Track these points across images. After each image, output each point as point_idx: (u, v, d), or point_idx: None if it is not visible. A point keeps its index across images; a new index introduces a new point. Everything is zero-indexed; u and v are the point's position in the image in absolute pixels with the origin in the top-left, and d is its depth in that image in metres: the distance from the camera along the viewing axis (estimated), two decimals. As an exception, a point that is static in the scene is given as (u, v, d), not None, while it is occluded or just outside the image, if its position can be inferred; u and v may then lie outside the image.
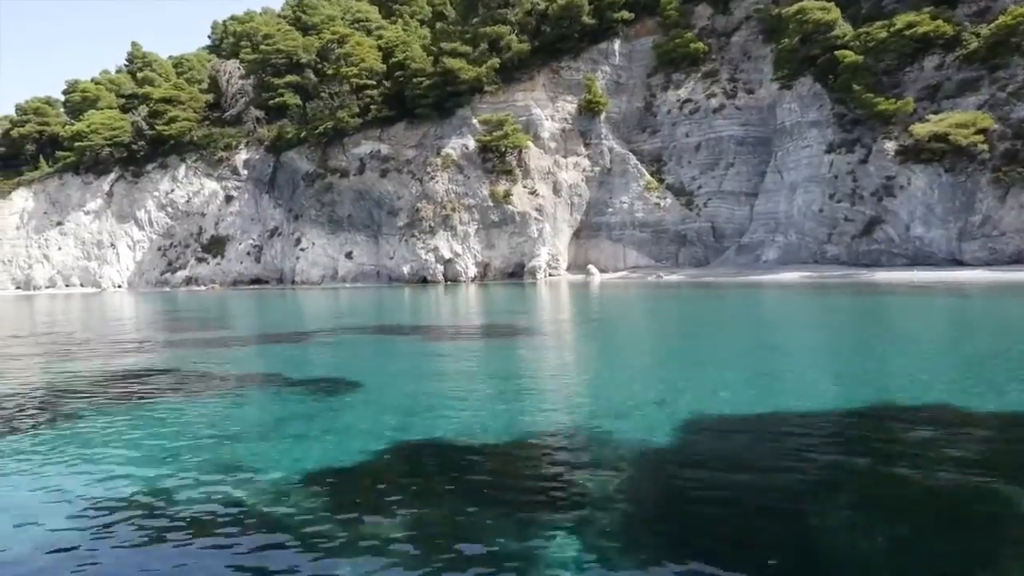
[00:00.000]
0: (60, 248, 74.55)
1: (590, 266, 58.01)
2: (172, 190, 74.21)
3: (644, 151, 61.84)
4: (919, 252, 43.51)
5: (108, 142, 72.73)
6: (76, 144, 72.28)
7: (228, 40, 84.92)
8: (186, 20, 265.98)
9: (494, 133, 60.36)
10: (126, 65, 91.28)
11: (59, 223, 74.98)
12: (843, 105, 49.71)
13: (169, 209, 74.34)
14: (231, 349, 18.29)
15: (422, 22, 77.39)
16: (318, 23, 75.60)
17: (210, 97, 77.23)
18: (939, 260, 42.45)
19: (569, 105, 63.85)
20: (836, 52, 49.20)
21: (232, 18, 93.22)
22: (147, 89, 78.32)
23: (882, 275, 41.42)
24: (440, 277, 60.53)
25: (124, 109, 79.24)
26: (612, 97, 63.03)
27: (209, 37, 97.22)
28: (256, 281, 70.90)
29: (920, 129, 42.37)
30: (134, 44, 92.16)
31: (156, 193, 74.33)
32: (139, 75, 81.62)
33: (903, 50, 46.77)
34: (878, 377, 11.13)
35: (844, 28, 50.66)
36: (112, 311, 38.39)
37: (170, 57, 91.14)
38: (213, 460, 7.71)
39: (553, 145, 62.82)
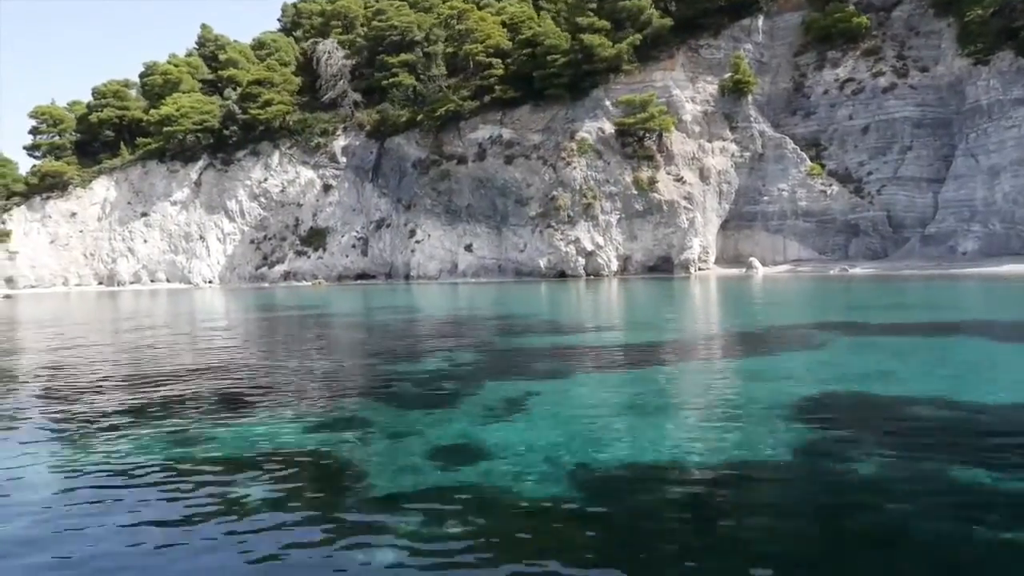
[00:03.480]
0: (146, 241, 69.59)
1: (752, 259, 53.26)
2: (265, 179, 69.32)
3: (796, 135, 57.10)
4: None
5: (198, 127, 67.75)
6: (165, 129, 67.27)
7: (311, 20, 79.84)
8: (238, 6, 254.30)
9: (638, 115, 55.54)
10: (196, 48, 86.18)
11: (144, 214, 70.01)
12: (1058, 80, 45.12)
13: (262, 199, 69.45)
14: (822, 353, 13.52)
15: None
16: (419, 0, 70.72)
17: (299, 80, 72.27)
18: None
19: (710, 86, 59.11)
20: (1055, 21, 44.56)
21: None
22: (232, 71, 73.44)
23: None
24: (581, 271, 55.77)
25: (205, 93, 74.34)
26: (756, 77, 58.31)
27: (279, 20, 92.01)
28: (361, 276, 66.03)
29: None
30: (204, 27, 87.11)
31: (248, 182, 69.43)
32: (221, 57, 76.50)
33: None
34: None
35: (1056, -4, 46.03)
36: (285, 315, 33.43)
37: (236, 41, 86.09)
38: None
39: (697, 129, 58.08)
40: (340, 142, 68.71)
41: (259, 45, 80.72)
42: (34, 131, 74.49)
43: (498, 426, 8.58)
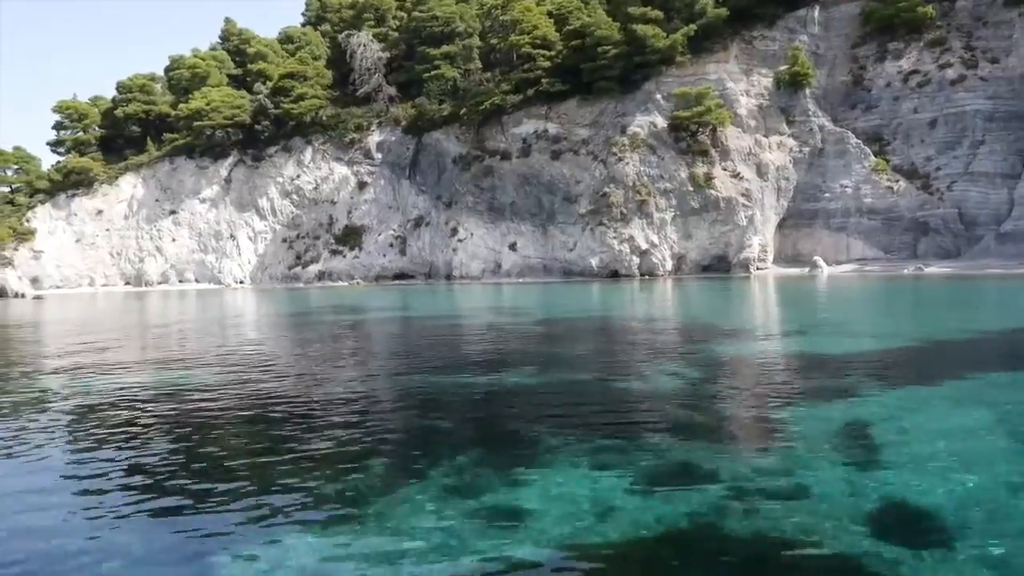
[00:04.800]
0: (174, 240, 67.31)
1: (816, 258, 51.06)
2: (297, 176, 67.08)
3: (857, 129, 54.93)
4: None
5: (229, 122, 65.52)
6: (195, 124, 65.01)
7: (340, 13, 77.42)
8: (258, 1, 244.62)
9: (694, 109, 53.38)
10: (220, 43, 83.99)
11: (172, 212, 67.75)
12: None
13: (294, 196, 67.21)
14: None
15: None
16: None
17: (330, 74, 69.95)
18: None
19: (764, 79, 57.04)
20: None
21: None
22: (262, 65, 71.24)
23: None
24: (635, 271, 53.63)
25: (232, 88, 72.07)
26: (814, 69, 56.17)
27: (303, 14, 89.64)
28: (399, 276, 63.77)
29: None
30: (227, 20, 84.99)
31: (279, 179, 67.18)
32: (249, 51, 74.25)
33: None
34: None
35: None
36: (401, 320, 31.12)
37: (256, 38, 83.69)
38: None
39: (752, 123, 55.95)
40: (375, 138, 66.50)
41: (286, 39, 78.48)
42: (58, 126, 72.20)
43: (890, 475, 6.37)
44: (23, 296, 58.08)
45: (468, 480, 6.42)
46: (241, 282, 66.67)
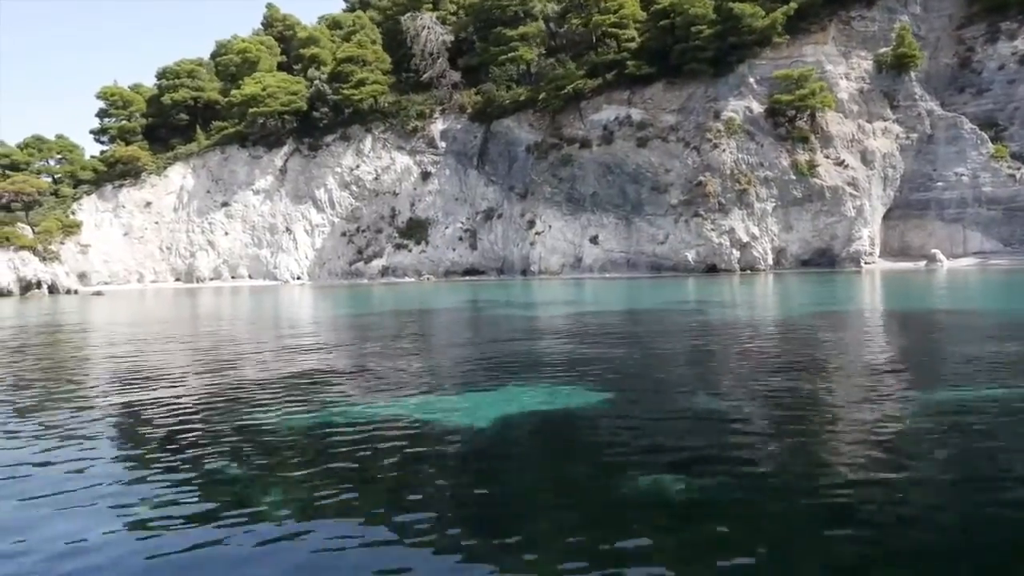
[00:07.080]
0: (227, 233, 63.73)
1: (935, 251, 47.73)
2: (357, 165, 63.55)
3: (967, 114, 51.50)
4: None
5: (285, 109, 61.94)
6: (250, 111, 61.40)
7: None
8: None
9: (796, 92, 50.01)
10: (263, 29, 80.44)
11: (224, 204, 64.14)
12: None
13: (354, 188, 63.67)
14: None
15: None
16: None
17: (388, 58, 66.36)
18: None
19: (864, 62, 53.69)
20: None
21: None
22: (315, 50, 67.66)
23: None
24: (735, 265, 50.23)
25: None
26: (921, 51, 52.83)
27: (346, 0, 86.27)
28: (469, 272, 60.25)
29: None
30: (270, 6, 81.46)
31: (338, 169, 63.66)
32: (300, 35, 70.64)
33: None
34: None
35: None
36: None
37: (301, 24, 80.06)
38: None
39: (854, 108, 52.57)
40: (439, 126, 63.00)
41: (334, 24, 74.91)
42: (102, 114, 68.49)
43: None
44: (75, 292, 54.41)
45: None
46: (298, 278, 63.13)
